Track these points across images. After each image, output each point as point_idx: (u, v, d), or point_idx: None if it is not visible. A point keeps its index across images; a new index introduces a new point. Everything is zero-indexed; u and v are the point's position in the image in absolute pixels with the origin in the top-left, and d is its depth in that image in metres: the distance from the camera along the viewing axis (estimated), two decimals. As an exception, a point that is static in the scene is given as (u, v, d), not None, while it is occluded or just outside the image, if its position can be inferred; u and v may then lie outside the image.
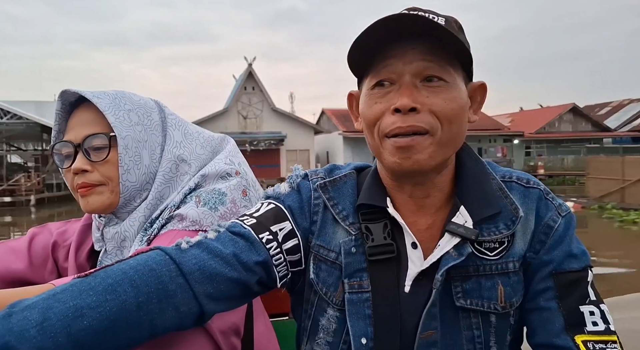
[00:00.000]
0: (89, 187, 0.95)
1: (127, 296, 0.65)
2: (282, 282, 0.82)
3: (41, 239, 1.11)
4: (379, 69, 0.76)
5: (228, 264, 0.75)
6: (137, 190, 0.98)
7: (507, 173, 0.85)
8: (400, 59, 0.74)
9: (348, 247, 0.82)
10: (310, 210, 0.86)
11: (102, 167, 0.95)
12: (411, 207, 0.82)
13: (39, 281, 1.03)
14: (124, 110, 0.97)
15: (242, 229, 0.79)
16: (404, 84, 0.74)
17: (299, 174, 0.91)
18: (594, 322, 0.74)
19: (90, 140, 0.95)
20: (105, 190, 0.96)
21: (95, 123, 0.96)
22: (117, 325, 0.64)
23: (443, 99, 0.74)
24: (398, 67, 0.75)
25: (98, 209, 0.97)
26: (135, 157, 0.97)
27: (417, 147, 0.74)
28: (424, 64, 0.74)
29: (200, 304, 0.72)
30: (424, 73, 0.74)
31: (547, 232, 0.79)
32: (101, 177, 0.95)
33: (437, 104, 0.74)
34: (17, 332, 0.58)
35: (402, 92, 0.74)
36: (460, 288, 0.77)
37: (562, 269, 0.77)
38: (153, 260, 0.71)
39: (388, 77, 0.76)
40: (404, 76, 0.74)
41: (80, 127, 0.97)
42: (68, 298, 0.63)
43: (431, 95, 0.74)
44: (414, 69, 0.74)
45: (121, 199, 0.97)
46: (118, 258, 0.99)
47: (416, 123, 0.73)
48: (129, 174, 0.96)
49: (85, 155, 0.95)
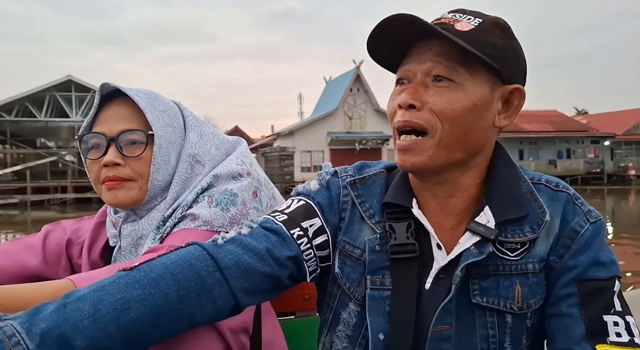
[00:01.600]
0: (119, 181, 0.97)
1: (169, 290, 0.69)
2: (311, 276, 0.85)
3: (55, 236, 1.13)
4: (401, 68, 0.80)
5: (262, 259, 0.77)
6: (161, 189, 1.00)
7: (536, 176, 0.85)
8: (417, 58, 0.77)
9: (373, 245, 0.83)
10: (339, 207, 0.87)
11: (135, 163, 0.97)
12: (436, 206, 0.83)
13: (53, 278, 1.04)
14: (159, 111, 1.00)
15: (274, 224, 0.82)
16: (413, 82, 0.77)
17: (328, 171, 0.92)
18: (617, 333, 0.71)
19: (127, 135, 0.97)
20: (135, 186, 0.98)
21: (132, 119, 0.98)
22: (160, 317, 0.68)
23: (446, 99, 0.75)
24: (414, 66, 0.77)
25: (124, 204, 0.98)
26: (165, 157, 0.99)
27: (416, 150, 0.77)
28: (434, 65, 0.76)
29: (236, 298, 0.75)
30: (432, 73, 0.76)
31: (573, 236, 0.78)
32: (132, 172, 0.97)
33: (438, 103, 0.75)
34: (72, 322, 0.62)
35: (408, 89, 0.77)
36: (478, 285, 0.78)
37: (587, 276, 0.76)
38: (192, 255, 0.74)
39: (406, 75, 0.79)
40: (417, 75, 0.77)
41: (115, 121, 0.98)
42: (116, 290, 0.66)
43: (436, 94, 0.75)
44: (425, 68, 0.76)
45: (146, 197, 0.99)
46: (132, 255, 1.01)
47: (413, 119, 0.76)
48: (158, 173, 0.98)
49: (119, 149, 0.97)
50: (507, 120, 0.81)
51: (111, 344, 0.64)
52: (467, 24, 0.77)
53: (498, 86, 0.78)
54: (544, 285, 0.79)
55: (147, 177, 0.98)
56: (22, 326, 0.59)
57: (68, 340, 0.61)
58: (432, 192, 0.83)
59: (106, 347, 0.64)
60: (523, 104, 0.82)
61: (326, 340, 0.90)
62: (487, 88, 0.77)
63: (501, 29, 0.78)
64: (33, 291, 0.77)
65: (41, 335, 0.59)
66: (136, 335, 0.66)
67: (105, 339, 0.63)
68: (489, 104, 0.77)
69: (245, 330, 0.95)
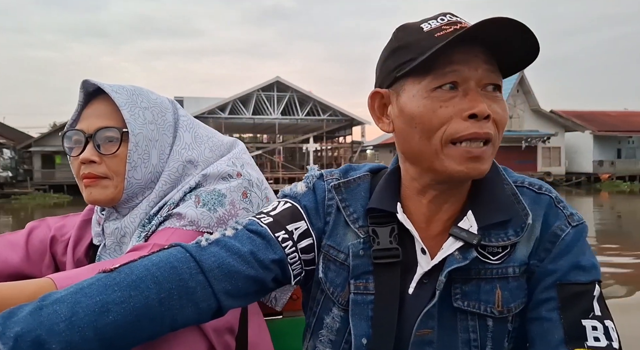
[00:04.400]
0: (94, 179, 0.97)
1: (150, 292, 0.68)
2: (296, 280, 0.84)
3: (39, 233, 1.12)
4: (445, 73, 0.73)
5: (246, 262, 0.76)
6: (141, 187, 0.99)
7: (519, 179, 0.84)
8: (466, 64, 0.73)
9: (356, 249, 0.83)
10: (324, 210, 0.86)
11: (110, 160, 0.97)
12: (426, 212, 0.82)
13: (36, 275, 1.03)
14: (140, 108, 0.98)
15: (259, 227, 0.81)
16: (471, 90, 0.73)
17: (314, 174, 0.91)
18: (595, 338, 0.71)
19: (103, 132, 0.96)
20: (110, 184, 0.97)
21: (110, 116, 0.97)
22: (141, 320, 0.67)
23: (502, 108, 0.75)
24: (464, 72, 0.73)
25: (100, 201, 0.98)
26: (144, 155, 0.98)
27: (484, 157, 0.75)
28: (487, 73, 0.74)
29: (219, 301, 0.74)
30: (485, 80, 0.74)
31: (554, 240, 0.77)
32: (108, 170, 0.97)
33: (498, 113, 0.74)
34: (48, 325, 0.60)
35: (475, 98, 0.73)
36: (460, 290, 0.77)
37: (567, 280, 0.75)
38: (174, 257, 0.73)
39: (453, 81, 0.73)
40: (469, 82, 0.73)
41: (94, 118, 0.98)
42: (94, 293, 0.65)
43: (493, 103, 0.74)
44: (479, 75, 0.73)
45: (124, 195, 0.98)
46: (117, 253, 1.00)
47: (489, 130, 0.73)
48: (135, 171, 0.97)
49: (95, 147, 0.97)
50: None
51: (88, 347, 0.63)
52: None
53: None
54: (525, 289, 0.79)
55: (123, 175, 0.97)
56: None
57: (43, 344, 0.59)
58: (431, 198, 0.81)
59: None
60: None
61: (309, 345, 0.90)
62: None
63: None
64: (12, 289, 0.75)
65: (15, 339, 0.58)
66: (115, 338, 0.65)
67: (83, 342, 0.62)
68: None
69: (230, 331, 0.95)
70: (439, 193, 0.81)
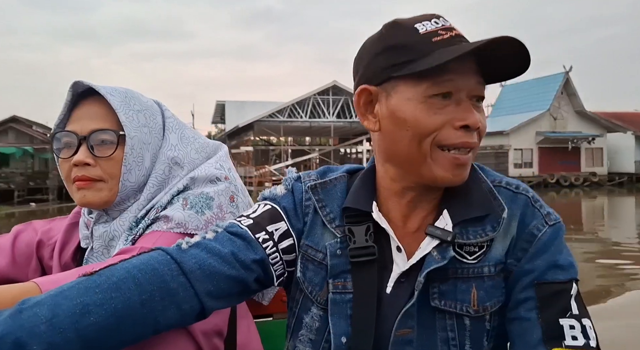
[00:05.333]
0: (88, 181, 0.95)
1: (131, 294, 0.68)
2: (279, 280, 0.85)
3: (25, 236, 1.10)
4: (442, 81, 0.74)
5: (227, 263, 0.77)
6: (134, 190, 0.99)
7: (497, 178, 0.85)
8: (460, 75, 0.75)
9: (334, 249, 0.84)
10: (302, 211, 0.88)
11: (105, 163, 0.96)
12: (403, 211, 0.83)
13: (22, 279, 1.01)
14: (134, 111, 0.98)
15: (239, 229, 0.82)
16: (463, 101, 0.76)
17: (292, 177, 0.92)
18: (573, 336, 0.72)
19: (98, 135, 0.95)
20: (105, 187, 0.96)
21: (105, 119, 0.97)
22: (122, 322, 0.67)
23: (484, 118, 0.78)
24: (459, 83, 0.75)
25: (93, 204, 0.97)
26: (138, 158, 0.98)
27: (468, 165, 0.78)
28: (477, 85, 0.76)
29: (201, 302, 0.74)
30: (475, 92, 0.76)
31: (531, 240, 0.78)
32: (102, 173, 0.96)
33: (482, 123, 0.77)
34: (28, 328, 0.61)
35: (467, 109, 0.75)
36: (437, 289, 0.78)
37: (545, 280, 0.76)
38: (155, 259, 0.73)
39: (448, 91, 0.75)
40: (461, 92, 0.75)
41: (87, 120, 0.97)
42: (75, 295, 0.65)
43: (480, 115, 0.77)
44: (470, 86, 0.76)
45: (118, 198, 0.97)
46: (104, 257, 0.99)
47: (476, 140, 0.77)
48: (130, 174, 0.97)
49: (89, 149, 0.95)
50: None
51: (70, 348, 0.63)
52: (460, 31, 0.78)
53: None
54: (502, 288, 0.79)
55: (118, 178, 0.96)
56: None
57: (24, 346, 0.60)
58: (410, 198, 0.82)
59: None
60: None
61: (289, 345, 0.90)
62: None
63: None
64: None
65: None
66: (97, 340, 0.65)
67: (64, 344, 0.62)
68: None
69: (219, 333, 0.95)
70: (416, 194, 0.82)
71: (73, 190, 0.98)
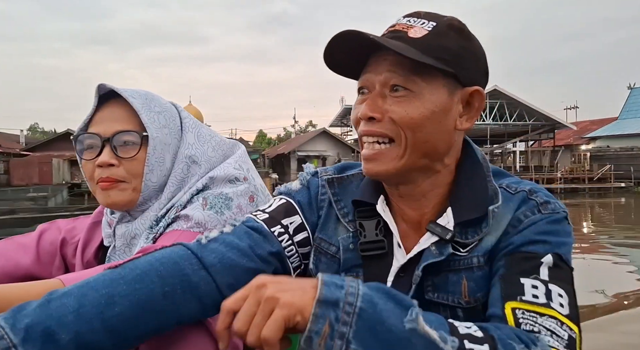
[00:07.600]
0: (112, 182, 0.98)
1: (154, 286, 0.70)
2: (296, 272, 0.87)
3: (49, 235, 1.13)
4: (361, 77, 0.81)
5: (245, 255, 0.79)
6: (155, 190, 1.01)
7: (504, 181, 0.84)
8: (375, 68, 0.79)
9: (346, 243, 0.86)
10: (317, 205, 0.90)
11: (129, 164, 0.98)
12: (404, 207, 0.85)
13: (47, 277, 1.03)
14: (155, 112, 1.01)
15: (255, 223, 0.85)
16: (372, 94, 0.79)
17: (309, 172, 0.95)
18: (534, 295, 0.69)
19: (121, 136, 0.98)
20: (128, 187, 0.98)
21: (128, 120, 0.99)
22: (146, 313, 0.69)
23: (404, 108, 0.77)
24: (372, 77, 0.79)
25: (117, 205, 0.99)
26: (160, 158, 1.00)
27: (381, 158, 0.79)
28: (390, 75, 0.77)
29: (223, 295, 0.75)
30: (389, 83, 0.78)
31: (516, 225, 0.77)
32: (126, 173, 0.98)
33: (397, 112, 0.77)
34: (57, 317, 0.63)
35: (367, 102, 0.79)
36: (431, 282, 0.79)
37: (518, 250, 0.75)
38: (176, 254, 0.76)
39: (365, 85, 0.80)
40: (376, 85, 0.79)
41: (110, 122, 0.99)
42: (100, 286, 0.68)
43: (394, 104, 0.77)
44: (382, 79, 0.78)
45: (140, 198, 0.99)
46: (126, 255, 1.02)
47: (376, 129, 0.79)
48: (152, 174, 0.99)
49: (113, 150, 0.98)
50: (469, 123, 0.82)
51: (96, 338, 0.65)
52: (421, 29, 0.77)
53: (457, 89, 0.79)
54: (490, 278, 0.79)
55: (140, 178, 0.99)
56: (6, 322, 0.61)
57: (52, 334, 0.62)
58: (398, 193, 0.85)
59: (91, 341, 0.65)
60: (484, 105, 0.83)
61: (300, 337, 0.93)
62: (445, 93, 0.78)
63: (456, 31, 0.79)
64: (21, 290, 0.77)
65: (25, 330, 0.61)
66: (121, 330, 0.67)
67: (90, 332, 0.65)
68: (448, 109, 0.78)
69: None
70: (396, 188, 0.84)
71: (97, 190, 1.00)
